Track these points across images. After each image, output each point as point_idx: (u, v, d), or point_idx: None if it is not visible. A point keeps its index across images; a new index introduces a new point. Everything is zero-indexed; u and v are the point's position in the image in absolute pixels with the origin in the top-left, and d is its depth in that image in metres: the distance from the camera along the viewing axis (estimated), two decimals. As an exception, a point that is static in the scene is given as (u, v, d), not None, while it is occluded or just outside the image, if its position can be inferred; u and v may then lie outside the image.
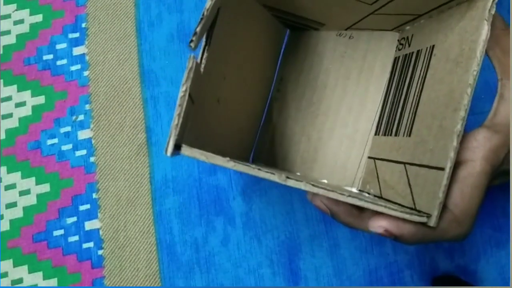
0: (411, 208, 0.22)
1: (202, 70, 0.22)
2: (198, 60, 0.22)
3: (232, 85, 0.28)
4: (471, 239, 0.38)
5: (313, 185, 0.18)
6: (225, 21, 0.25)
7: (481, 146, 0.21)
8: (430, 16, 0.26)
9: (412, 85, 0.26)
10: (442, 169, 0.20)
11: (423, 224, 0.20)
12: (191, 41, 0.19)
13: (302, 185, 0.18)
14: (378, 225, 0.19)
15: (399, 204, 0.23)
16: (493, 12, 0.20)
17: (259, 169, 0.17)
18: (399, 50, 0.30)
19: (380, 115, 0.30)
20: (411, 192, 0.22)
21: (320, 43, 0.33)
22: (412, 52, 0.27)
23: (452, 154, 0.19)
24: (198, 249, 0.38)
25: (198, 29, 0.19)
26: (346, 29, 0.32)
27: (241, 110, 0.30)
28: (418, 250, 0.38)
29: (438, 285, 0.36)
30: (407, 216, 0.19)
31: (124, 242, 0.39)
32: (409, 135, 0.25)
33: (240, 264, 0.38)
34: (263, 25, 0.31)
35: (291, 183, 0.18)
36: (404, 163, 0.24)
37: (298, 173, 0.32)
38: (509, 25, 0.22)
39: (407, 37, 0.29)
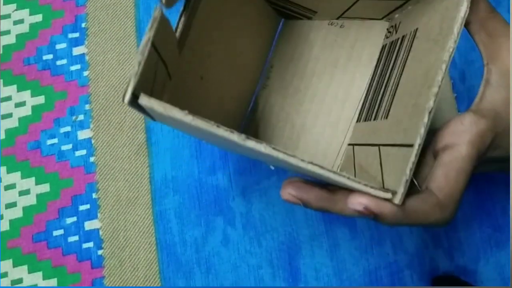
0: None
1: (178, 35, 0.22)
2: (175, 26, 0.22)
3: (218, 65, 0.28)
4: (470, 239, 0.38)
5: (273, 148, 0.17)
6: (206, 17, 0.25)
7: (467, 130, 0.20)
8: (418, 1, 0.26)
9: (394, 69, 0.26)
10: (412, 145, 0.19)
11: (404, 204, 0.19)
12: None
13: (262, 148, 0.17)
14: (358, 202, 0.18)
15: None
16: None
17: (217, 126, 0.17)
18: (387, 38, 0.30)
19: (363, 102, 0.30)
20: (382, 173, 0.22)
21: (312, 32, 0.33)
22: (398, 38, 0.27)
23: (422, 131, 0.19)
24: (198, 249, 0.38)
25: None
26: (337, 18, 0.32)
27: (227, 92, 0.30)
28: (417, 250, 0.38)
29: (437, 285, 0.36)
30: (371, 191, 0.18)
31: (124, 242, 0.39)
32: (386, 118, 0.24)
33: (240, 265, 0.38)
34: (256, 11, 0.31)
35: (250, 144, 0.17)
36: (379, 145, 0.24)
37: None
38: (495, 10, 0.22)
39: (395, 25, 0.29)
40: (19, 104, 0.42)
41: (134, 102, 0.17)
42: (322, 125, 0.32)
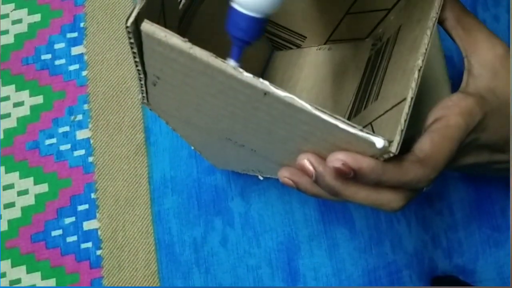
0: None
1: (181, 9, 0.22)
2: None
3: None
4: (469, 239, 0.38)
5: (270, 84, 0.17)
6: (213, 5, 0.26)
7: (456, 104, 0.22)
8: (400, 9, 0.27)
9: (382, 61, 0.27)
10: (404, 99, 0.20)
11: (383, 159, 0.19)
12: None
13: (258, 83, 0.16)
14: (335, 158, 0.19)
15: None
16: None
17: (215, 57, 0.16)
18: (372, 50, 0.31)
19: (353, 104, 0.31)
20: None
21: (301, 58, 0.35)
22: (383, 42, 0.29)
23: (413, 85, 0.19)
24: (197, 249, 0.38)
25: None
26: (325, 43, 0.34)
27: None
28: (416, 250, 0.38)
29: (436, 285, 0.36)
30: (365, 135, 0.17)
31: (122, 242, 0.39)
32: (377, 99, 0.25)
33: (239, 264, 0.38)
34: None
35: (247, 78, 0.16)
36: (370, 123, 0.24)
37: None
38: (466, 8, 0.24)
39: (380, 37, 0.30)
40: (18, 104, 0.42)
41: (135, 29, 0.16)
42: None
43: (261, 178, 0.38)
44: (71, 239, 0.39)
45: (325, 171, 0.20)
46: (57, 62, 0.43)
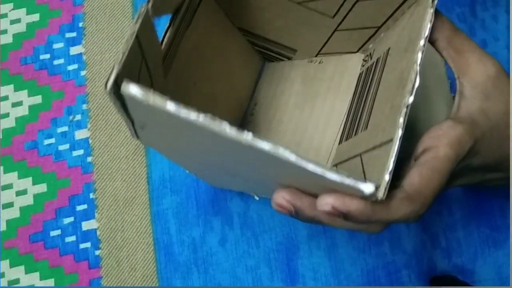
0: None
1: (163, 49, 0.22)
2: (161, 39, 0.23)
3: (202, 94, 0.29)
4: (468, 239, 0.38)
5: (254, 137, 0.16)
6: (200, 28, 0.26)
7: (445, 134, 0.21)
8: (388, 27, 0.28)
9: (371, 87, 0.27)
10: (391, 140, 0.20)
11: (372, 200, 0.19)
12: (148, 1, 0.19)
13: (242, 139, 0.16)
14: (325, 203, 0.19)
15: None
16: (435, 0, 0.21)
17: (198, 114, 0.16)
18: (363, 66, 0.31)
19: (344, 125, 0.31)
20: (365, 177, 0.22)
21: (293, 71, 0.35)
22: (373, 62, 0.29)
23: (401, 120, 0.19)
24: (196, 249, 0.38)
25: None
26: (316, 56, 0.34)
27: None
28: (415, 250, 0.38)
29: (435, 285, 0.36)
30: (354, 183, 0.17)
31: (121, 243, 0.39)
32: (366, 128, 0.25)
33: (238, 264, 0.38)
34: (239, 50, 0.33)
35: (231, 134, 0.16)
36: (360, 154, 0.24)
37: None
38: (458, 28, 0.23)
39: (370, 53, 0.30)
40: (16, 104, 0.42)
41: (116, 92, 0.17)
42: (305, 151, 0.32)
43: (257, 198, 0.38)
44: (70, 239, 0.39)
45: (302, 205, 0.20)
46: (56, 62, 0.43)
